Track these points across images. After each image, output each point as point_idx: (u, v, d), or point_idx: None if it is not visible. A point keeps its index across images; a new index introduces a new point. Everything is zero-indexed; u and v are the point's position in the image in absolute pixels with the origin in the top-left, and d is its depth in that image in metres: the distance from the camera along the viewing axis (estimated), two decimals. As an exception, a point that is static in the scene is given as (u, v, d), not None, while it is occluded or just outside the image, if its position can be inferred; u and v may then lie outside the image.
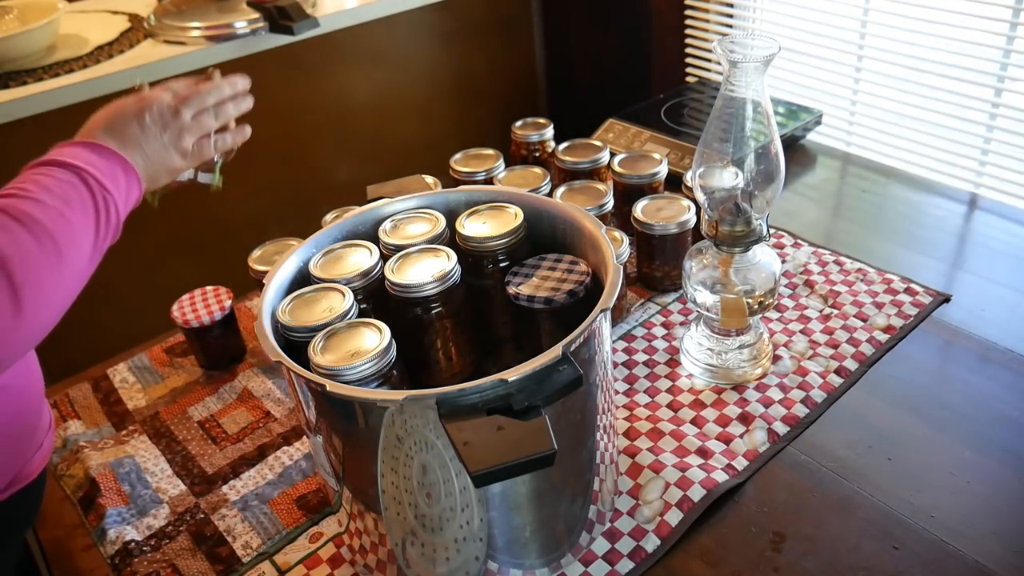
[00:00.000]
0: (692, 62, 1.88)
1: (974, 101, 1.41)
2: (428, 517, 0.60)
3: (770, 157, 0.76)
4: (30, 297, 0.59)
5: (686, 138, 1.27)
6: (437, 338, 0.73)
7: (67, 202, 0.64)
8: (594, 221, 0.71)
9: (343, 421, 0.60)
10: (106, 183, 0.68)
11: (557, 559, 0.67)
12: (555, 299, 0.69)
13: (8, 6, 1.47)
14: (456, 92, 2.12)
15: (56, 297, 0.62)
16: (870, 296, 0.97)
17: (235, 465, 0.83)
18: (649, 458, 0.77)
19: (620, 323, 0.97)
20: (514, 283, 0.71)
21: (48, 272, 0.61)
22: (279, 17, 1.44)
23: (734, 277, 0.82)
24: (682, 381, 0.88)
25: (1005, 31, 1.33)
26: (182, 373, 0.96)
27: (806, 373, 0.86)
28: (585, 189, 1.04)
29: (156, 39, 1.46)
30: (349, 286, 0.70)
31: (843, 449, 0.78)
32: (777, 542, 0.70)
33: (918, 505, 0.72)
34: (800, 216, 1.15)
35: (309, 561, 0.72)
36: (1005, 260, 1.03)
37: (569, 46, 2.22)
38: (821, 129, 1.39)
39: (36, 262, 0.60)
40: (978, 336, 0.90)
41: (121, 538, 0.75)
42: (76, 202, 0.65)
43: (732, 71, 0.73)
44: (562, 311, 0.69)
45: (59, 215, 0.63)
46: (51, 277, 0.61)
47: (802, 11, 1.62)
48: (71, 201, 0.65)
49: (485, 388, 0.53)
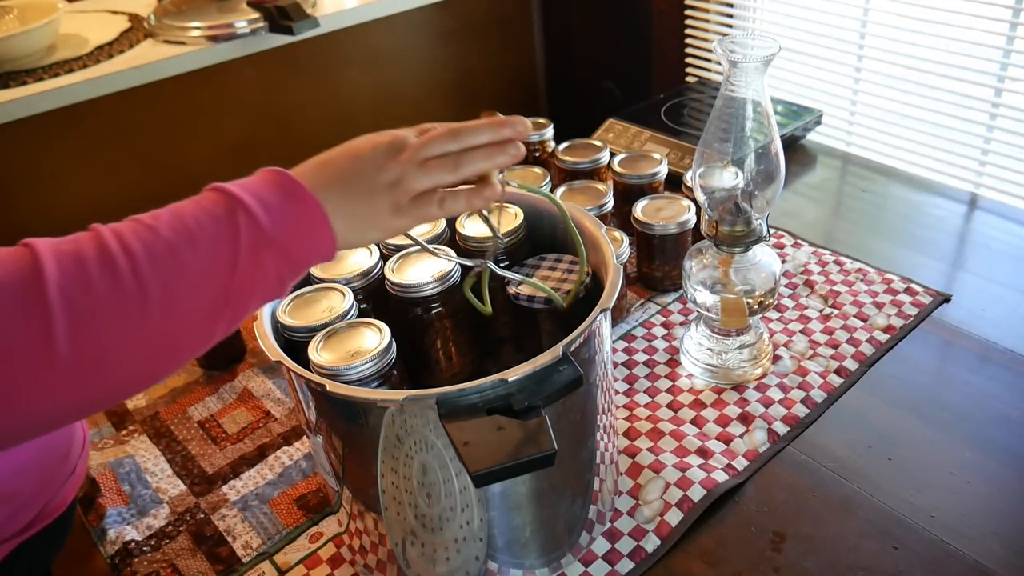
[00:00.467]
0: (692, 62, 1.88)
1: (974, 101, 1.41)
2: (428, 517, 0.60)
3: (770, 157, 0.76)
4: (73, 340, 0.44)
5: (686, 138, 1.27)
6: (437, 338, 0.73)
7: (191, 238, 0.48)
8: (594, 221, 0.71)
9: (343, 421, 0.60)
10: (264, 222, 0.50)
11: (557, 559, 0.67)
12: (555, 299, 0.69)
13: (8, 6, 1.47)
14: (456, 92, 2.12)
15: (126, 352, 0.46)
16: (870, 296, 0.97)
17: (235, 465, 0.83)
18: (649, 458, 0.77)
19: (620, 323, 0.97)
20: (514, 283, 0.71)
21: (115, 319, 0.46)
22: (279, 17, 1.44)
23: (734, 277, 0.82)
24: (682, 381, 0.88)
25: (1005, 31, 1.33)
26: (182, 373, 0.96)
27: (806, 373, 0.86)
28: (585, 189, 1.04)
29: (156, 39, 1.46)
30: (349, 286, 0.70)
31: (843, 449, 0.78)
32: (777, 542, 0.70)
33: (918, 505, 0.72)
34: (800, 216, 1.15)
35: (309, 561, 0.72)
36: (1005, 260, 1.03)
37: (569, 46, 2.22)
38: (821, 129, 1.39)
39: (100, 304, 0.45)
40: (978, 336, 0.90)
41: (121, 538, 0.75)
42: (204, 239, 0.49)
43: (732, 71, 0.73)
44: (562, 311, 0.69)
45: (169, 252, 0.47)
46: (119, 327, 0.46)
47: (802, 11, 1.62)
48: (197, 239, 0.48)
49: (485, 388, 0.53)
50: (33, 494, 0.66)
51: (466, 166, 0.57)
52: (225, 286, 0.49)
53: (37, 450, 0.65)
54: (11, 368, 0.43)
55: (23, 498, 0.65)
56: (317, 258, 0.54)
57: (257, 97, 1.78)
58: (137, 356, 0.47)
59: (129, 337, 0.46)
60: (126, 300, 0.46)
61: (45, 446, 0.66)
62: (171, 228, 0.49)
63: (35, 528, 0.66)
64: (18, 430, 0.46)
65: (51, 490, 0.68)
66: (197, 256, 0.48)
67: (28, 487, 0.65)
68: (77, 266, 0.45)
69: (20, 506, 0.65)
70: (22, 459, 0.64)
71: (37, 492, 0.66)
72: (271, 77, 1.77)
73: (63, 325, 0.44)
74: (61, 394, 0.45)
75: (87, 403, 0.47)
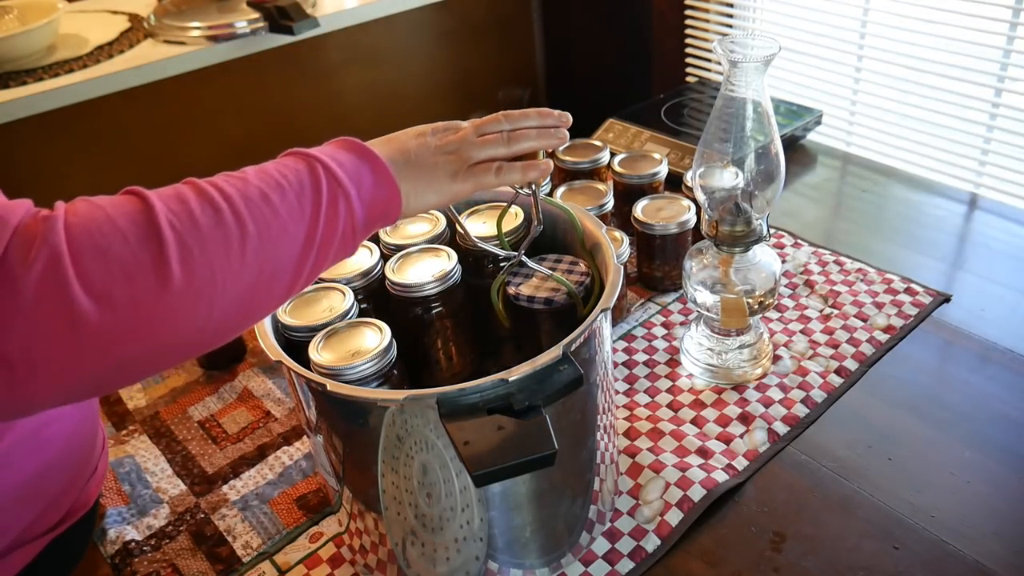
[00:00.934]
0: (692, 62, 1.88)
1: (974, 101, 1.41)
2: (428, 517, 0.60)
3: (770, 157, 0.76)
4: (186, 272, 0.47)
5: (686, 138, 1.27)
6: (437, 338, 0.73)
7: (279, 187, 0.53)
8: (594, 221, 0.71)
9: (343, 421, 0.60)
10: (341, 176, 0.55)
11: (557, 559, 0.67)
12: (555, 299, 0.69)
13: (8, 6, 1.47)
14: (456, 92, 2.12)
15: (230, 283, 0.49)
16: (870, 296, 0.97)
17: (235, 465, 0.83)
18: (649, 458, 0.77)
19: (620, 323, 0.97)
20: (514, 283, 0.71)
21: (220, 251, 0.49)
22: (279, 17, 1.44)
23: (734, 277, 0.82)
24: (682, 381, 0.88)
25: (1005, 31, 1.33)
26: (182, 373, 0.96)
27: (806, 373, 0.87)
28: (585, 189, 1.04)
29: (156, 39, 1.46)
30: (349, 286, 0.70)
31: (843, 449, 0.78)
32: (777, 542, 0.70)
33: (918, 505, 0.72)
34: (800, 216, 1.15)
35: (309, 561, 0.72)
36: (1005, 260, 1.03)
37: (569, 46, 2.22)
38: (821, 129, 1.39)
39: (205, 236, 0.49)
40: (978, 336, 0.90)
41: (121, 538, 0.75)
42: (291, 189, 0.53)
43: (732, 71, 0.73)
44: (562, 311, 0.69)
45: (261, 197, 0.52)
46: (224, 258, 0.49)
47: (802, 11, 1.62)
48: (285, 188, 0.53)
49: (485, 388, 0.53)
50: (60, 492, 0.67)
51: (518, 142, 0.62)
52: (311, 232, 0.53)
53: (63, 449, 0.66)
54: (132, 289, 0.46)
55: (51, 496, 0.66)
56: (385, 217, 0.58)
57: (257, 97, 1.78)
58: (240, 288, 0.50)
59: (232, 269, 0.49)
60: (227, 234, 0.49)
61: (70, 445, 0.67)
62: (259, 179, 0.53)
63: (64, 526, 0.68)
64: (142, 359, 0.48)
65: (76, 488, 0.69)
66: (285, 201, 0.52)
67: (55, 485, 0.67)
68: (181, 204, 0.49)
69: (49, 504, 0.66)
70: (48, 457, 0.64)
71: (64, 490, 0.68)
72: (271, 77, 1.77)
73: (175, 251, 0.47)
74: (177, 319, 0.48)
75: (198, 335, 0.50)
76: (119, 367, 0.47)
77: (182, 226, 0.48)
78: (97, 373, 0.47)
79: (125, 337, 0.46)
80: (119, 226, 0.47)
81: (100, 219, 0.47)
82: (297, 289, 0.54)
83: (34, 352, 0.44)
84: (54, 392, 0.47)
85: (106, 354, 0.46)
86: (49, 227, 0.45)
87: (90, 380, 0.47)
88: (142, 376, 0.50)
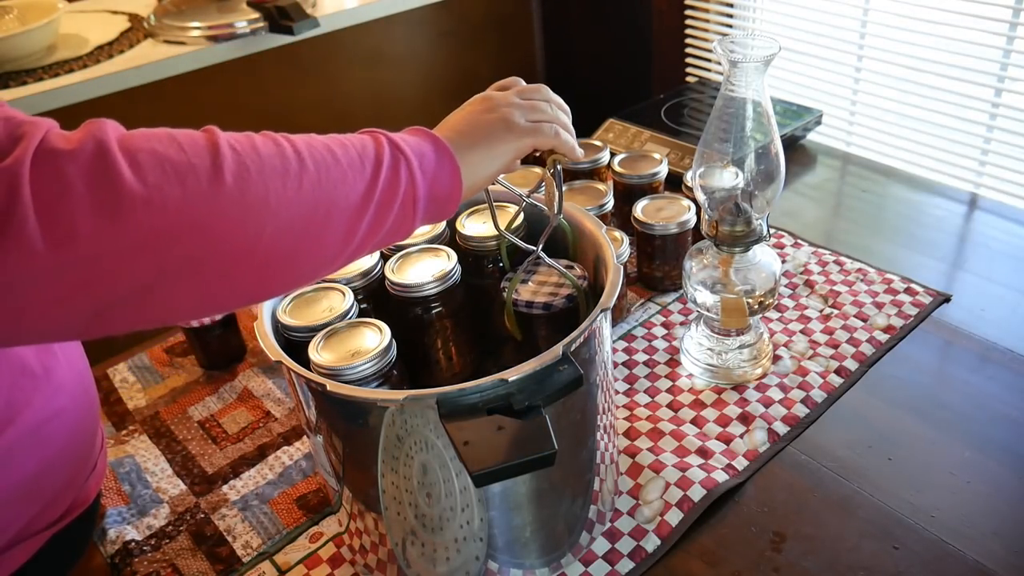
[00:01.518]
0: (692, 62, 1.88)
1: (974, 101, 1.41)
2: (428, 517, 0.60)
3: (770, 157, 0.76)
4: (239, 185, 0.48)
5: (686, 138, 1.27)
6: (437, 338, 0.73)
7: (341, 144, 0.54)
8: (594, 221, 0.71)
9: (343, 421, 0.60)
10: (403, 147, 0.55)
11: (557, 559, 0.67)
12: (554, 304, 0.69)
13: (8, 6, 1.47)
14: (456, 92, 2.11)
15: (283, 209, 0.49)
16: (870, 296, 0.97)
17: (235, 465, 0.83)
18: (649, 458, 0.77)
19: (620, 323, 0.97)
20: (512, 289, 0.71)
21: (277, 176, 0.49)
22: (279, 17, 1.44)
23: (734, 277, 0.82)
24: (682, 381, 0.88)
25: (1005, 31, 1.33)
26: (182, 373, 0.96)
27: (806, 373, 0.87)
28: (585, 189, 1.04)
29: (156, 39, 1.46)
30: (349, 286, 0.70)
31: (843, 449, 0.78)
32: (777, 542, 0.70)
33: (918, 505, 0.72)
34: (800, 216, 1.15)
35: (309, 561, 0.72)
36: (1005, 260, 1.03)
37: (569, 46, 2.22)
38: (821, 129, 1.39)
39: (264, 161, 0.49)
40: (978, 336, 0.90)
41: (121, 538, 0.75)
42: (353, 147, 0.54)
43: (732, 71, 0.73)
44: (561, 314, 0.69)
45: (323, 147, 0.53)
46: (280, 183, 0.49)
47: (802, 11, 1.62)
48: (347, 145, 0.54)
49: (485, 388, 0.53)
50: (61, 489, 0.67)
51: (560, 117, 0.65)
52: (370, 188, 0.53)
53: (64, 446, 0.66)
54: (184, 189, 0.46)
55: (52, 493, 0.66)
56: (448, 198, 0.58)
57: (257, 97, 1.78)
58: (293, 217, 0.50)
59: (287, 196, 0.49)
60: (286, 164, 0.50)
61: (70, 442, 0.67)
62: (322, 137, 0.54)
63: (64, 522, 0.68)
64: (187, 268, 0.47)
65: (77, 485, 0.69)
66: (347, 154, 0.53)
67: (56, 482, 0.67)
68: (245, 137, 0.50)
69: (50, 501, 0.66)
70: (49, 454, 0.65)
71: (65, 487, 0.68)
72: (271, 77, 1.77)
73: (231, 164, 0.48)
74: (227, 229, 0.47)
75: (247, 256, 0.49)
76: (165, 273, 0.46)
77: (241, 148, 0.49)
78: (145, 273, 0.45)
79: (173, 235, 0.45)
80: (176, 138, 0.48)
81: (156, 132, 0.48)
82: (351, 247, 0.54)
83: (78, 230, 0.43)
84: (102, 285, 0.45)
85: (156, 250, 0.45)
86: (97, 127, 0.46)
87: (141, 280, 0.45)
88: (188, 302, 0.49)
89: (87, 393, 0.70)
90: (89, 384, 0.71)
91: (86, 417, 0.70)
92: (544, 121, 0.63)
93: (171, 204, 0.45)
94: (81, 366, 0.70)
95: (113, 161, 0.44)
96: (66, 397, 0.66)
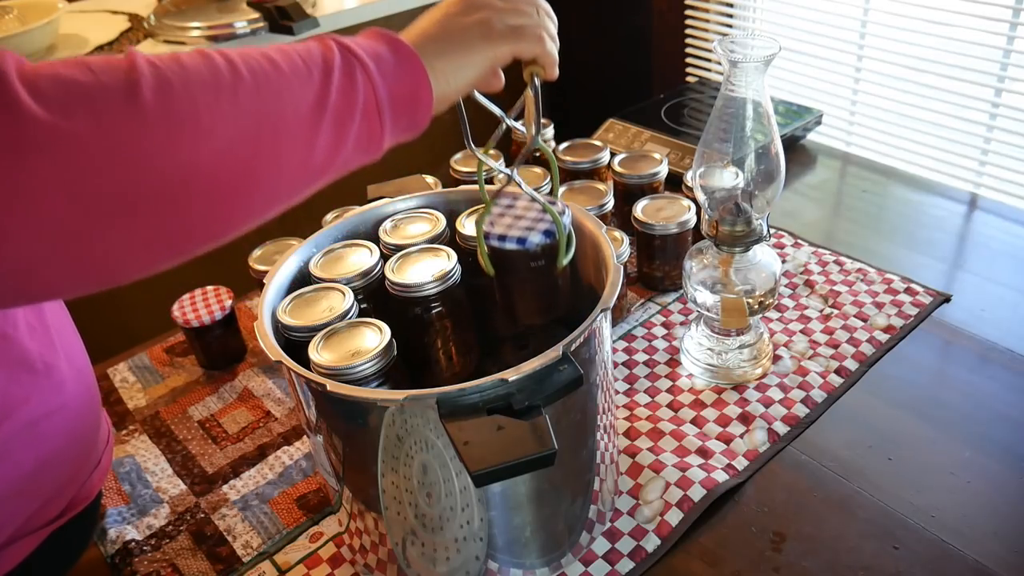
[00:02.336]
0: (692, 62, 1.88)
1: (974, 101, 1.41)
2: (428, 517, 0.60)
3: (770, 157, 0.76)
4: (162, 101, 0.43)
5: (686, 138, 1.27)
6: (437, 338, 0.73)
7: (282, 51, 0.49)
8: (594, 221, 0.71)
9: (343, 421, 0.60)
10: (356, 49, 0.51)
11: (557, 559, 0.67)
12: (529, 239, 0.63)
13: (8, 6, 1.47)
14: (456, 92, 2.12)
15: (220, 124, 0.45)
16: (870, 296, 0.97)
17: (235, 465, 0.83)
18: (649, 458, 0.77)
19: (620, 323, 0.97)
20: (487, 222, 0.66)
21: (207, 90, 0.45)
22: (279, 17, 1.44)
23: (734, 277, 0.82)
24: (682, 381, 0.88)
25: (1005, 31, 1.33)
26: (182, 373, 0.96)
27: (806, 373, 0.87)
28: (585, 189, 1.04)
29: (156, 39, 1.46)
30: (349, 286, 0.70)
31: (843, 449, 0.78)
32: (777, 542, 0.70)
33: (918, 505, 0.72)
34: (800, 216, 1.15)
35: (309, 561, 0.72)
36: (1005, 260, 1.03)
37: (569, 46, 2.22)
38: (821, 129, 1.39)
39: (189, 74, 0.44)
40: (978, 336, 0.90)
41: (121, 537, 0.75)
42: (297, 54, 0.49)
43: (732, 71, 0.73)
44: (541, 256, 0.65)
45: (262, 56, 0.48)
46: (211, 96, 0.45)
47: (802, 11, 1.62)
48: (289, 52, 0.49)
49: (485, 388, 0.53)
50: (61, 486, 0.67)
51: (547, 22, 0.60)
52: (321, 96, 0.49)
53: (63, 443, 0.66)
54: (94, 107, 0.41)
55: (51, 490, 0.66)
56: (415, 98, 0.53)
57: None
58: (234, 133, 0.45)
59: (221, 109, 0.45)
60: (217, 76, 0.45)
61: (70, 439, 0.67)
62: (265, 48, 0.49)
63: (64, 518, 0.68)
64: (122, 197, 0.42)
65: (79, 481, 0.69)
66: (289, 61, 0.48)
67: (56, 480, 0.66)
68: (170, 56, 0.46)
69: (49, 498, 0.66)
70: (48, 452, 0.64)
71: (66, 484, 0.67)
72: (271, 77, 1.77)
73: (150, 80, 0.43)
74: (155, 149, 0.42)
75: (187, 176, 0.44)
76: (92, 214, 0.41)
77: (162, 64, 0.44)
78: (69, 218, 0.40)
79: (92, 168, 0.40)
80: (86, 62, 0.42)
81: (64, 60, 0.42)
82: (314, 164, 0.50)
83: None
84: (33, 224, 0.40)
85: (74, 189, 0.40)
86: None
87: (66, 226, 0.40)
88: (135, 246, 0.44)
89: (88, 390, 0.70)
90: (90, 381, 0.71)
91: (87, 414, 0.70)
92: (527, 25, 0.58)
93: (82, 130, 0.40)
94: (82, 363, 0.70)
95: (9, 87, 0.39)
96: (66, 394, 0.65)
